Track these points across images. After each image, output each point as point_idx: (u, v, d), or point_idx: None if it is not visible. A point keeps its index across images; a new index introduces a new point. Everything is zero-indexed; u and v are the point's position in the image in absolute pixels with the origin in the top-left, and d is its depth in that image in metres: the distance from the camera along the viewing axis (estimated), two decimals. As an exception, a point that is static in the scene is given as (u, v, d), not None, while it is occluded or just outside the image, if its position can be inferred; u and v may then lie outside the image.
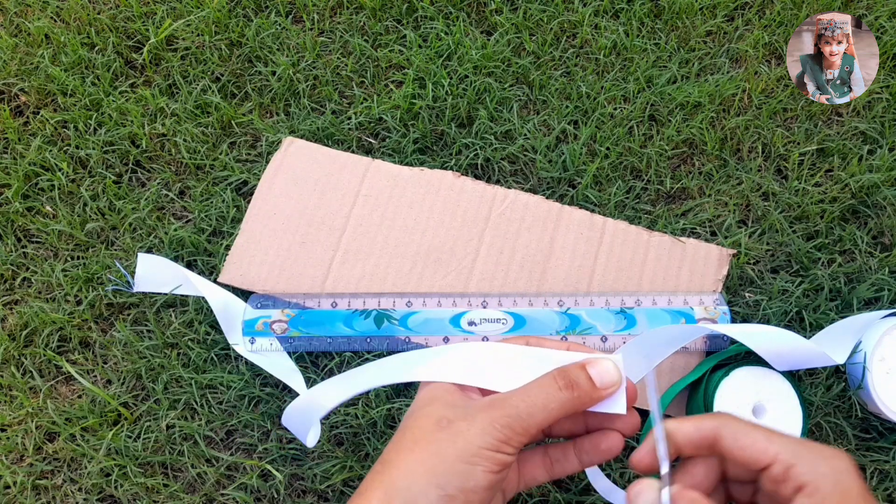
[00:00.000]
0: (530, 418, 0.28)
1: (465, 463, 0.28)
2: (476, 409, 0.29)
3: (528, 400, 0.29)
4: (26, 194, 0.58)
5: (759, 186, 0.55)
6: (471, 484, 0.28)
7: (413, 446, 0.29)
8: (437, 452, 0.28)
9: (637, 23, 0.61)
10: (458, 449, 0.28)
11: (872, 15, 0.60)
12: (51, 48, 0.62)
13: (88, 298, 0.53)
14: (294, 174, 0.56)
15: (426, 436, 0.29)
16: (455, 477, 0.28)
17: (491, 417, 0.28)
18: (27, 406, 0.51)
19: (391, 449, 0.30)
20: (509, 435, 0.28)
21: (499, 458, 0.28)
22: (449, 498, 0.27)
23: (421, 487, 0.27)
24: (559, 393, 0.29)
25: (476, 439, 0.28)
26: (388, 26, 0.62)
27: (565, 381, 0.29)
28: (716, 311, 0.50)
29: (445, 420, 0.29)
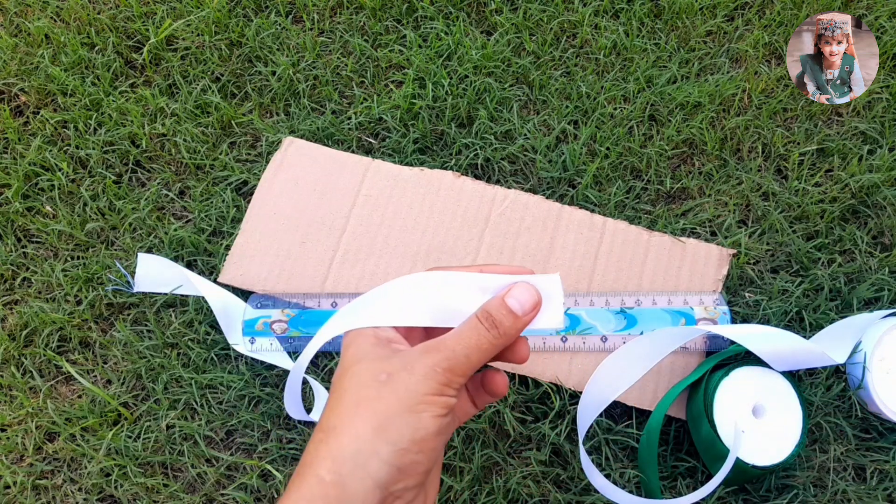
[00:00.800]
0: (468, 360, 0.29)
1: (411, 413, 0.27)
2: (413, 358, 0.28)
3: (462, 342, 0.29)
4: (26, 194, 0.57)
5: (759, 186, 0.55)
6: (421, 433, 0.27)
7: (356, 408, 0.27)
8: (382, 408, 0.27)
9: (637, 23, 0.61)
10: (403, 400, 0.27)
11: (872, 15, 0.60)
12: (51, 48, 0.62)
13: (88, 298, 0.53)
14: (294, 174, 0.56)
15: (367, 393, 0.28)
16: (404, 429, 0.27)
17: (431, 362, 0.28)
18: (27, 406, 0.51)
19: (331, 414, 0.28)
20: (450, 377, 0.28)
21: (443, 401, 0.28)
22: (402, 452, 0.27)
23: (371, 448, 0.26)
24: (488, 333, 0.29)
25: (419, 386, 0.27)
26: (388, 26, 0.62)
27: (489, 321, 0.29)
28: (716, 311, 0.50)
29: (384, 374, 0.28)
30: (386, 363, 0.29)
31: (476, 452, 0.48)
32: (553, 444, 0.48)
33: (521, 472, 0.48)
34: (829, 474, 0.47)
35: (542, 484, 0.47)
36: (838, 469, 0.48)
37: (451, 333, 0.29)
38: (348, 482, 0.26)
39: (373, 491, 0.26)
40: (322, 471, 0.26)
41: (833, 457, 0.47)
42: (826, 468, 0.47)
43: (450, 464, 0.48)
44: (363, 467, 0.26)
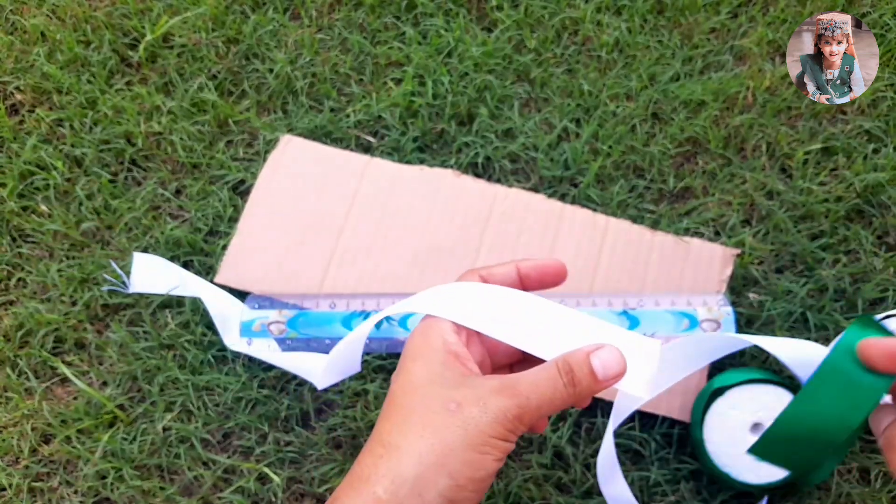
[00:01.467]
0: (538, 411, 0.28)
1: (475, 452, 0.27)
2: (486, 394, 0.28)
3: (537, 392, 0.28)
4: (21, 193, 0.57)
5: (763, 185, 0.55)
6: (480, 473, 0.27)
7: (422, 431, 0.27)
8: (449, 440, 0.27)
9: (640, 19, 0.60)
10: (471, 436, 0.27)
11: (877, 13, 0.60)
12: (46, 46, 0.61)
13: (84, 299, 0.52)
14: (292, 173, 0.55)
15: (435, 420, 0.28)
16: (465, 466, 0.27)
17: (504, 407, 0.28)
18: (22, 408, 0.50)
19: (394, 430, 0.28)
20: (517, 425, 0.28)
21: (505, 446, 0.28)
22: (458, 488, 0.27)
23: (432, 476, 0.27)
24: (564, 389, 0.28)
25: (488, 428, 0.27)
26: (387, 23, 0.62)
27: (569, 377, 0.29)
28: (719, 311, 0.49)
29: (454, 403, 0.28)
30: (456, 392, 0.28)
31: (476, 455, 0.47)
32: (555, 447, 0.48)
33: (523, 476, 0.47)
34: (833, 476, 0.47)
35: (543, 487, 0.47)
36: (842, 471, 0.47)
37: (526, 377, 0.29)
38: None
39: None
40: (379, 489, 0.27)
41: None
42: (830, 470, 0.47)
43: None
44: (420, 494, 0.27)
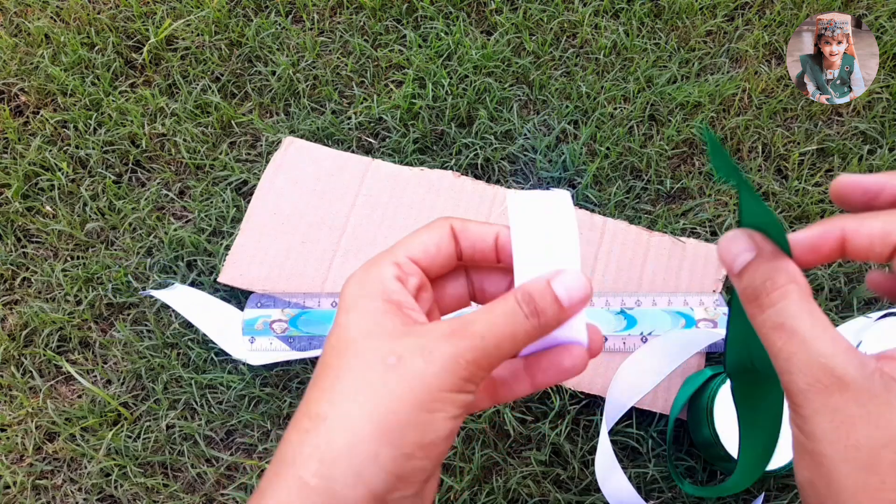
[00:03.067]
0: (498, 351, 0.23)
1: (422, 411, 0.22)
2: (433, 341, 0.23)
3: (494, 329, 0.23)
4: (26, 194, 0.57)
5: (759, 186, 0.55)
6: (430, 437, 0.22)
7: (355, 395, 0.22)
8: (387, 401, 0.22)
9: (637, 23, 0.61)
10: (415, 393, 0.22)
11: (873, 15, 0.60)
12: (51, 48, 0.62)
13: (88, 298, 0.53)
14: (294, 174, 0.56)
15: (371, 378, 0.23)
16: (411, 430, 0.22)
17: (454, 351, 0.23)
18: (27, 406, 0.51)
19: (323, 398, 0.23)
20: (474, 371, 0.23)
21: (461, 399, 0.23)
22: (405, 457, 0.22)
23: (369, 450, 0.22)
24: (526, 321, 0.24)
25: (436, 380, 0.22)
26: (388, 26, 0.62)
27: (531, 307, 0.24)
28: (716, 311, 0.50)
29: (394, 356, 0.23)
30: (398, 342, 0.23)
31: (476, 452, 0.48)
32: (553, 444, 0.48)
33: (521, 472, 0.48)
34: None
35: (542, 484, 0.47)
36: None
37: (479, 315, 0.24)
38: (338, 489, 0.22)
39: (366, 501, 0.22)
40: (306, 472, 0.22)
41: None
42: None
43: (450, 463, 0.48)
44: (357, 473, 0.22)
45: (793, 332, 0.22)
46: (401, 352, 0.23)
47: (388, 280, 0.25)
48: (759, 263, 0.24)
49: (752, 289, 0.23)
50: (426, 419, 0.22)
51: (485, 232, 0.26)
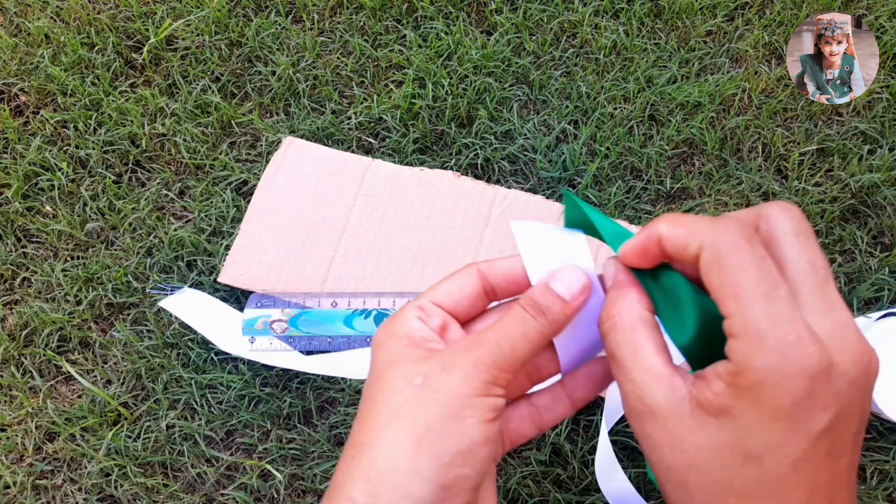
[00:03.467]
0: (514, 352, 0.25)
1: (454, 420, 0.23)
2: (453, 356, 0.25)
3: (505, 333, 0.25)
4: (26, 194, 0.57)
5: (759, 186, 0.55)
6: (467, 442, 0.23)
7: (391, 419, 0.24)
8: (421, 417, 0.23)
9: (637, 23, 0.61)
10: (444, 405, 0.24)
11: (872, 15, 0.60)
12: (51, 48, 0.62)
13: (88, 298, 0.53)
14: (294, 174, 0.56)
15: (402, 401, 0.24)
16: (447, 441, 0.23)
17: (473, 359, 0.24)
18: (27, 406, 0.51)
19: (363, 428, 0.25)
20: (496, 374, 0.24)
21: (490, 402, 0.24)
22: (446, 467, 0.23)
23: (410, 465, 0.23)
24: (534, 321, 0.25)
25: (461, 388, 0.24)
26: (387, 26, 0.62)
27: (535, 308, 0.26)
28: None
29: (420, 377, 0.24)
30: (422, 365, 0.25)
31: (476, 452, 0.48)
32: (553, 445, 0.48)
33: (521, 472, 0.47)
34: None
35: (542, 484, 0.47)
36: (838, 469, 0.47)
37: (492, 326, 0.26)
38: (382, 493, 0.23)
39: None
40: (355, 493, 0.23)
41: (833, 457, 0.47)
42: (826, 468, 0.47)
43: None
44: (401, 488, 0.23)
45: (618, 362, 0.24)
46: (425, 372, 0.25)
47: (411, 320, 0.27)
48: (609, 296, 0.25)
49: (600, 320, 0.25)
50: (458, 426, 0.24)
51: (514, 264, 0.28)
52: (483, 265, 0.28)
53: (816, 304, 0.21)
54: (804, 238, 0.22)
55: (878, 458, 0.47)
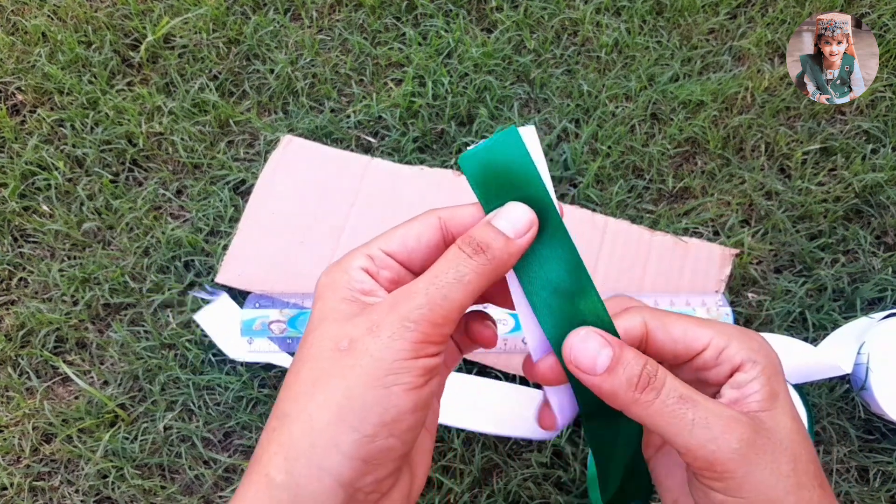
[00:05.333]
0: (446, 301, 0.22)
1: (377, 388, 0.21)
2: (380, 314, 0.22)
3: (437, 280, 0.23)
4: (23, 193, 0.57)
5: (762, 185, 0.55)
6: (391, 413, 0.22)
7: (312, 388, 0.22)
8: (342, 386, 0.22)
9: (639, 20, 0.60)
10: (368, 372, 0.22)
11: (875, 13, 0.60)
12: (48, 46, 0.62)
13: (85, 298, 0.53)
14: (293, 173, 0.56)
15: (325, 367, 0.22)
16: (369, 411, 0.21)
17: (400, 317, 0.22)
18: (24, 407, 0.50)
19: (287, 396, 0.23)
20: (427, 330, 0.22)
21: (419, 365, 0.22)
22: (367, 440, 0.21)
23: (328, 439, 0.21)
24: (472, 260, 0.23)
25: (386, 352, 0.22)
26: (387, 24, 0.62)
27: (472, 246, 0.23)
28: (718, 311, 0.50)
29: (346, 340, 0.22)
30: (349, 325, 0.23)
31: (476, 454, 0.47)
32: (554, 447, 0.48)
33: (522, 475, 0.47)
34: (833, 476, 0.47)
35: (542, 486, 0.47)
36: (841, 471, 0.47)
37: (424, 274, 0.23)
38: (303, 483, 0.21)
39: (334, 491, 0.21)
40: (272, 469, 0.22)
41: (836, 458, 0.47)
42: (829, 469, 0.47)
43: (450, 466, 0.47)
44: (320, 464, 0.21)
45: (695, 400, 0.23)
46: (352, 333, 0.22)
47: (354, 271, 0.24)
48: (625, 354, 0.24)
49: (632, 378, 0.23)
50: (382, 395, 0.22)
51: (477, 215, 0.25)
52: (444, 212, 0.25)
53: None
54: None
55: (880, 460, 0.47)
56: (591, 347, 0.24)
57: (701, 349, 0.25)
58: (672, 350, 0.25)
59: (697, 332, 0.25)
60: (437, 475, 0.47)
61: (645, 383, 0.23)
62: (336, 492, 0.22)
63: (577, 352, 0.24)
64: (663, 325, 0.25)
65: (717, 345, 0.25)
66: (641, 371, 0.23)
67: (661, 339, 0.25)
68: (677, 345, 0.25)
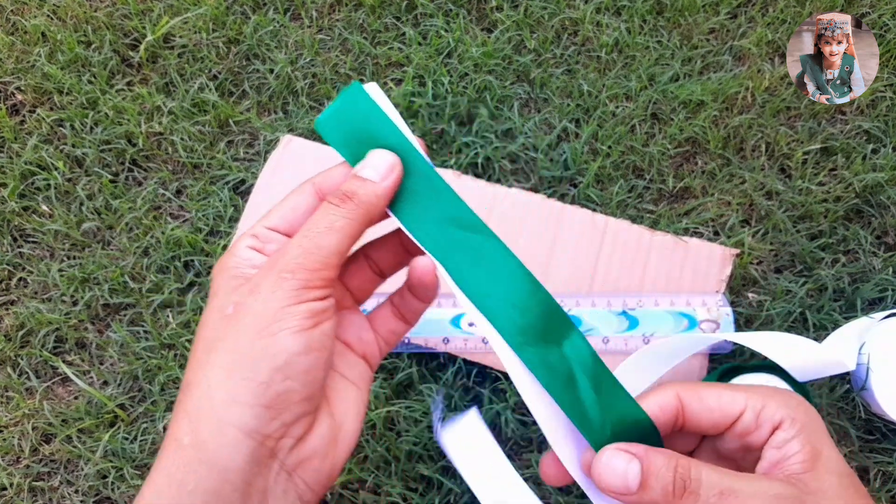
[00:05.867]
0: (321, 249, 0.24)
1: (264, 337, 0.22)
2: (259, 276, 0.24)
3: (310, 233, 0.24)
4: (22, 193, 0.57)
5: (762, 185, 0.55)
6: (282, 356, 0.22)
7: (207, 355, 0.23)
8: (231, 344, 0.23)
9: (639, 20, 0.60)
10: (252, 326, 0.23)
11: (875, 13, 0.60)
12: (47, 46, 0.61)
13: (85, 299, 0.52)
14: (292, 173, 0.55)
15: (215, 334, 0.23)
16: (260, 360, 0.22)
17: (276, 270, 0.23)
18: (23, 407, 0.50)
19: (187, 369, 0.24)
20: (306, 277, 0.23)
21: (303, 309, 0.23)
22: (264, 386, 0.22)
23: (225, 394, 0.22)
24: (339, 209, 0.24)
25: (268, 304, 0.23)
26: (387, 23, 0.62)
27: (339, 196, 0.25)
28: (718, 312, 0.50)
29: (231, 306, 0.24)
30: (234, 293, 0.24)
31: (476, 454, 0.47)
32: (554, 446, 0.48)
33: (522, 475, 0.47)
34: (833, 476, 0.47)
35: (543, 486, 0.47)
36: (842, 471, 0.47)
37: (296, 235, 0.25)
38: (208, 439, 0.22)
39: (241, 441, 0.22)
40: (180, 434, 0.23)
41: (837, 459, 0.47)
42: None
43: (450, 466, 0.47)
44: (220, 418, 0.22)
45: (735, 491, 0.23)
46: (237, 299, 0.24)
47: (241, 250, 0.26)
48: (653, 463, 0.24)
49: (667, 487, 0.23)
50: (269, 343, 0.23)
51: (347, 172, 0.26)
52: (317, 178, 0.27)
53: None
54: None
55: (881, 460, 0.47)
56: (618, 466, 0.24)
57: (738, 413, 0.25)
58: (709, 420, 0.25)
59: (732, 397, 0.25)
60: (437, 475, 0.47)
61: (681, 489, 0.23)
62: (242, 441, 0.22)
63: (606, 477, 0.24)
64: (697, 396, 0.25)
65: (753, 406, 0.25)
66: (674, 477, 0.23)
67: (697, 409, 0.25)
68: (713, 413, 0.25)
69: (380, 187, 0.25)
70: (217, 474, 0.22)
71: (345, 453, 0.26)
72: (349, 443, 0.26)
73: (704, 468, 0.24)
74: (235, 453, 0.22)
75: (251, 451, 0.22)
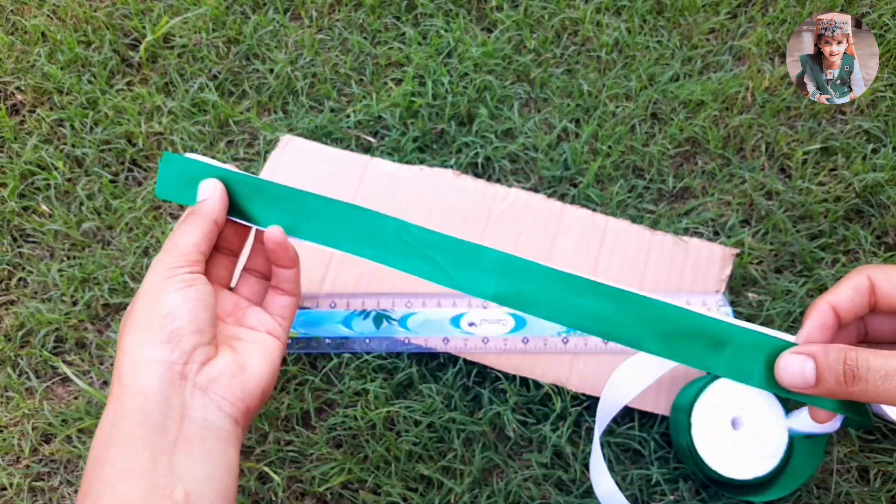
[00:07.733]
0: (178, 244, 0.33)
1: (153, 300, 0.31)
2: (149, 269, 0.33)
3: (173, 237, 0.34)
4: (22, 193, 0.57)
5: (762, 185, 0.55)
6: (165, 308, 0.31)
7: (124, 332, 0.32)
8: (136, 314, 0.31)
9: (639, 20, 0.60)
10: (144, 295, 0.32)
11: (875, 13, 0.60)
12: (47, 46, 0.61)
13: (85, 299, 0.52)
14: (292, 173, 0.55)
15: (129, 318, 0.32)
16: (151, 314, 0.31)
17: (157, 260, 0.33)
18: (23, 407, 0.50)
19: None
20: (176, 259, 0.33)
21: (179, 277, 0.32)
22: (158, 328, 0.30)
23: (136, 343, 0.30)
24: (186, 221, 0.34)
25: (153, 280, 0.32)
26: (387, 23, 0.62)
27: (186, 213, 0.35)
28: (718, 311, 0.50)
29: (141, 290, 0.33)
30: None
31: (476, 455, 0.47)
32: (554, 447, 0.48)
33: (522, 475, 0.47)
34: (833, 476, 0.47)
35: (543, 487, 0.47)
36: (842, 471, 0.47)
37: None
38: (128, 374, 0.30)
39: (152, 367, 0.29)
40: (112, 388, 0.30)
41: (836, 458, 0.47)
42: (829, 470, 0.47)
43: (450, 466, 0.47)
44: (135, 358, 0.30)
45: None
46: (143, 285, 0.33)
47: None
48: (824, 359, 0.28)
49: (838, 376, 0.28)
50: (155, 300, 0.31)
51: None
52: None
53: None
54: None
55: (881, 460, 0.47)
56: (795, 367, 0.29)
57: None
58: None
59: None
60: (437, 475, 0.47)
61: (851, 377, 0.27)
62: (153, 367, 0.30)
63: (787, 377, 0.29)
64: (888, 277, 0.29)
65: None
66: (844, 368, 0.27)
67: (887, 289, 0.29)
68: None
69: (210, 201, 0.35)
70: (139, 394, 0.29)
71: (254, 378, 0.33)
72: (258, 373, 0.33)
73: (871, 355, 0.27)
74: (150, 378, 0.29)
75: (161, 374, 0.29)
